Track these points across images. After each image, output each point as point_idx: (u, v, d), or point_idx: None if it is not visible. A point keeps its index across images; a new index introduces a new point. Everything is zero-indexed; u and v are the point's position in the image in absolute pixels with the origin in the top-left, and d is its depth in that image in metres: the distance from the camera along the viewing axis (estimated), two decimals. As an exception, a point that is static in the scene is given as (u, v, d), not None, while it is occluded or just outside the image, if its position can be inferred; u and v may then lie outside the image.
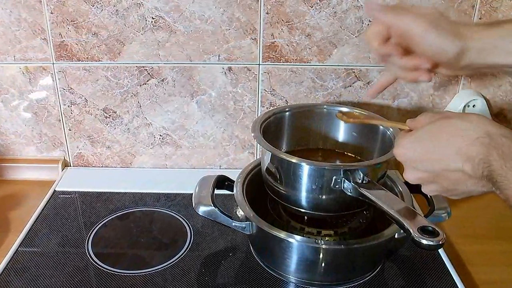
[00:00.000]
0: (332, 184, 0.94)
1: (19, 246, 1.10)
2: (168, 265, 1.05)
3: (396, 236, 0.97)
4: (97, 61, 1.28)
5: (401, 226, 0.80)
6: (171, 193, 1.30)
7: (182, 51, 1.27)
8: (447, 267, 1.05)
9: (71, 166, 1.44)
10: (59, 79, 1.31)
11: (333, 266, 1.00)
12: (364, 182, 0.92)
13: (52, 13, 1.23)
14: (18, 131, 1.38)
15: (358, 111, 1.12)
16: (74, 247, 1.11)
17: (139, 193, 1.30)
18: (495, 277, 1.05)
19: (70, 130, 1.38)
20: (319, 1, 1.21)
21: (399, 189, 1.10)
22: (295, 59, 1.28)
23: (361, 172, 0.92)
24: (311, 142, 1.21)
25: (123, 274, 1.03)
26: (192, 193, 1.04)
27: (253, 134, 1.05)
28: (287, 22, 1.24)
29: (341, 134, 1.18)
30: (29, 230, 1.15)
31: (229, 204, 1.20)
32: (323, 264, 0.99)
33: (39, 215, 1.21)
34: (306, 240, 0.97)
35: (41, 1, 1.21)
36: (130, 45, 1.26)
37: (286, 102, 1.34)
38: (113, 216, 1.22)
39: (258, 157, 1.41)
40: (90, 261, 1.06)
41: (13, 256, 1.07)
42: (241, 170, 1.15)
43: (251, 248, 1.10)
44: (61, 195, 1.29)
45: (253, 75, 1.30)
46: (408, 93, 1.32)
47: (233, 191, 1.08)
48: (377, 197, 0.88)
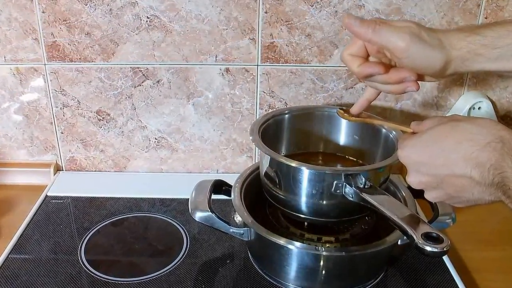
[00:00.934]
0: (333, 189, 0.94)
1: (10, 253, 1.10)
2: (163, 272, 1.05)
3: (399, 242, 0.97)
4: (90, 62, 1.28)
5: (404, 232, 0.80)
6: (166, 198, 1.30)
7: (178, 51, 1.27)
8: (451, 275, 1.05)
9: (63, 170, 1.44)
10: (51, 81, 1.31)
11: (334, 273, 1.00)
12: (366, 187, 0.92)
13: (43, 12, 1.23)
14: (8, 134, 1.38)
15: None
16: (66, 254, 1.10)
17: (133, 198, 1.30)
18: (502, 285, 1.05)
19: (62, 133, 1.38)
20: (319, 0, 1.21)
21: (402, 194, 1.10)
22: (295, 60, 1.28)
23: (363, 176, 0.92)
24: (311, 145, 1.21)
25: (117, 282, 1.02)
26: (188, 198, 1.04)
27: (251, 137, 1.05)
28: (286, 21, 1.24)
29: (342, 137, 1.18)
30: (20, 236, 1.15)
31: (226, 209, 1.20)
32: (324, 271, 0.99)
33: (30, 221, 1.21)
34: (306, 246, 0.97)
35: (33, 0, 1.21)
36: (124, 45, 1.27)
37: (285, 104, 1.34)
38: (107, 222, 1.21)
39: (256, 161, 1.41)
40: (83, 269, 1.06)
41: (3, 263, 1.06)
42: (239, 174, 1.15)
43: (249, 255, 1.10)
44: (53, 200, 1.29)
45: (252, 77, 1.30)
46: (411, 95, 1.32)
47: (230, 196, 1.08)
48: (380, 202, 0.88)
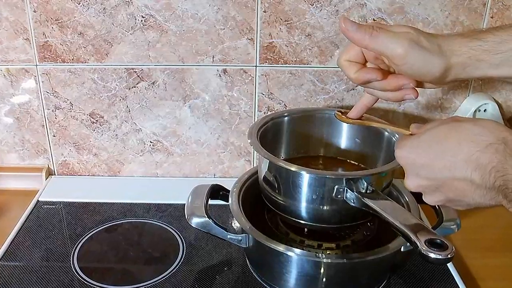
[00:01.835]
0: (334, 194, 0.94)
1: (0, 260, 1.09)
2: (158, 280, 1.05)
3: (402, 249, 0.97)
4: (83, 63, 1.28)
5: (408, 238, 0.80)
6: (162, 204, 1.30)
7: (174, 52, 1.27)
8: (456, 283, 1.04)
9: (55, 174, 1.44)
10: (42, 82, 1.31)
11: (335, 281, 1.00)
12: (368, 191, 0.92)
13: (35, 12, 1.23)
14: (-2, 137, 1.38)
15: None
16: (58, 261, 1.10)
17: (128, 203, 1.30)
18: (507, 293, 1.06)
19: (54, 136, 1.38)
20: (320, -1, 1.22)
21: (405, 199, 1.10)
22: (295, 61, 1.28)
23: (364, 181, 0.92)
24: (311, 149, 1.21)
25: (110, 290, 1.03)
26: (184, 204, 1.04)
27: (249, 140, 1.05)
28: (285, 21, 1.24)
29: (344, 140, 1.18)
30: (11, 243, 1.15)
31: (224, 215, 1.20)
32: (325, 279, 0.98)
33: (21, 227, 1.20)
34: (306, 253, 0.97)
35: (24, -1, 1.22)
36: (118, 45, 1.27)
37: (284, 106, 1.34)
38: (100, 228, 1.21)
39: (255, 165, 1.41)
40: (75, 276, 1.06)
41: (-7, 271, 1.07)
42: (237, 179, 1.15)
43: (248, 262, 1.10)
44: (45, 206, 1.29)
45: (250, 78, 1.30)
46: (414, 96, 1.32)
47: (228, 202, 1.08)
48: (382, 207, 0.88)
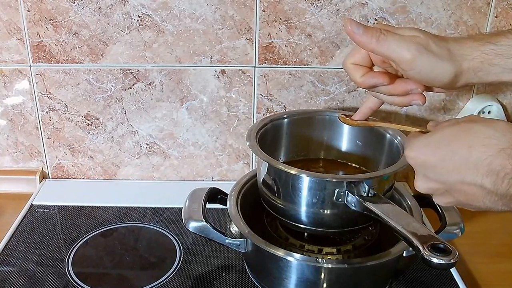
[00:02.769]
0: (334, 197, 0.94)
1: (-7, 265, 1.10)
2: (155, 286, 1.05)
3: (404, 254, 0.97)
4: (78, 63, 1.29)
5: (410, 243, 0.80)
6: (159, 208, 1.30)
7: (171, 52, 1.28)
8: (460, 288, 1.05)
9: (49, 178, 1.44)
10: (36, 83, 1.31)
11: (336, 287, 1.00)
12: (369, 195, 0.92)
13: (29, 11, 1.23)
14: (-9, 139, 1.38)
15: None
16: (53, 266, 1.11)
17: (124, 207, 1.31)
18: (512, 299, 1.06)
19: (48, 138, 1.38)
20: (320, -2, 1.22)
21: (408, 203, 1.10)
22: (294, 61, 1.28)
23: (366, 184, 0.92)
24: (311, 151, 1.21)
25: (106, 296, 1.03)
26: (181, 207, 1.05)
27: (248, 143, 1.05)
28: (285, 20, 1.24)
29: (344, 143, 1.18)
30: (4, 247, 1.15)
31: (222, 219, 1.21)
32: (325, 285, 0.98)
33: (15, 231, 1.21)
34: (306, 258, 0.97)
35: (17, -2, 1.22)
36: (114, 45, 1.27)
37: (284, 108, 1.34)
38: (96, 232, 1.22)
39: (253, 168, 1.41)
40: (70, 282, 1.06)
41: (-15, 276, 1.07)
42: (235, 182, 1.15)
43: (246, 267, 1.10)
44: (39, 210, 1.29)
45: (248, 79, 1.30)
46: (417, 98, 1.33)
47: (226, 205, 1.08)
48: (384, 211, 0.88)
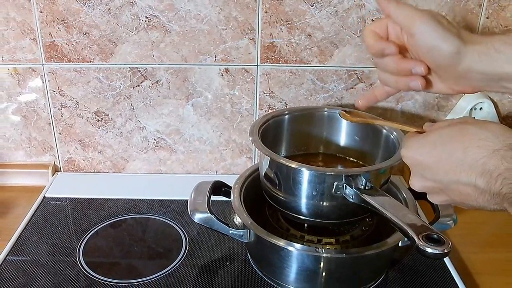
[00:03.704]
0: (333, 190, 0.94)
1: (8, 254, 1.10)
2: (162, 274, 1.05)
3: (400, 244, 0.97)
4: (88, 62, 1.28)
5: (405, 234, 0.79)
6: (165, 200, 1.30)
7: (177, 51, 1.27)
8: (453, 277, 1.05)
9: (61, 171, 1.44)
10: (49, 81, 1.31)
11: (335, 275, 1.00)
12: (366, 188, 0.92)
13: (41, 12, 1.23)
14: (6, 135, 1.38)
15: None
16: (64, 256, 1.10)
17: (132, 199, 1.30)
18: (502, 287, 1.05)
19: (60, 134, 1.38)
20: (319, 0, 1.21)
21: (403, 195, 1.10)
22: (295, 60, 1.28)
23: (363, 177, 0.92)
24: (311, 146, 1.21)
25: (115, 284, 1.02)
26: (187, 200, 1.04)
27: (251, 138, 1.05)
28: (286, 21, 1.24)
29: (343, 138, 1.18)
30: (18, 238, 1.15)
31: (226, 211, 1.20)
32: (324, 273, 0.98)
33: (28, 222, 1.21)
34: (306, 248, 0.97)
35: (30, 0, 1.21)
36: (122, 45, 1.27)
37: (285, 105, 1.34)
38: (105, 223, 1.21)
39: (256, 162, 1.41)
40: (81, 271, 1.06)
41: (1, 265, 1.06)
42: (239, 175, 1.14)
43: (249, 256, 1.10)
44: (51, 202, 1.29)
45: (251, 77, 1.30)
46: (412, 95, 1.32)
47: (230, 198, 1.08)
48: (380, 203, 0.88)
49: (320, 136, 1.20)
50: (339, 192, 0.93)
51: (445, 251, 0.74)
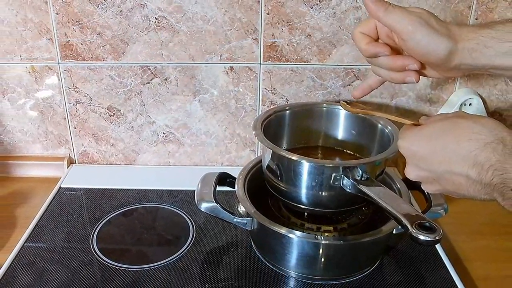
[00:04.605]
0: (331, 181, 0.94)
1: (26, 241, 1.10)
2: (171, 260, 1.05)
3: (394, 232, 0.97)
4: (101, 61, 1.28)
5: (399, 222, 0.79)
6: (174, 190, 1.30)
7: (184, 51, 1.27)
8: (444, 263, 1.04)
9: (76, 163, 1.44)
10: (64, 78, 1.31)
11: (333, 261, 1.00)
12: (363, 179, 0.92)
13: (57, 14, 1.23)
14: (24, 129, 1.38)
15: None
16: (79, 242, 1.11)
17: (142, 190, 1.30)
18: (491, 273, 1.05)
19: (75, 128, 1.38)
20: (318, 2, 1.21)
21: (397, 186, 1.10)
22: (295, 59, 1.28)
23: (360, 169, 0.92)
24: (311, 140, 1.20)
25: (127, 269, 1.03)
26: (194, 190, 1.04)
27: (254, 132, 1.05)
28: (287, 22, 1.23)
29: (341, 132, 1.18)
30: (35, 226, 1.15)
31: (230, 200, 1.20)
32: (323, 259, 0.98)
33: (45, 211, 1.21)
34: (306, 235, 0.97)
35: (47, 2, 1.21)
36: (134, 45, 1.26)
37: (286, 100, 1.33)
38: (117, 212, 1.22)
39: (259, 154, 1.41)
40: (94, 256, 1.06)
41: (19, 251, 1.07)
42: (243, 167, 1.14)
43: (252, 243, 1.10)
44: (66, 192, 1.29)
45: (254, 75, 1.30)
46: (406, 92, 1.32)
47: (234, 188, 1.08)
48: (376, 193, 0.88)
49: (319, 130, 1.19)
50: (337, 182, 0.93)
51: (437, 238, 0.74)
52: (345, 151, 1.18)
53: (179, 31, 1.25)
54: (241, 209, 1.05)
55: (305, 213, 1.07)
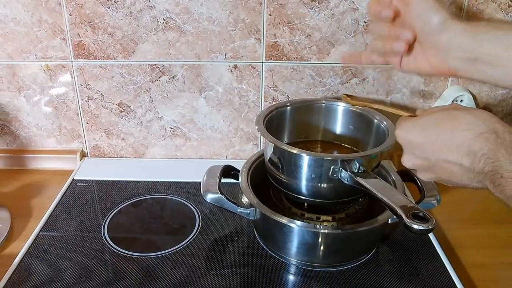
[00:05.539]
0: (330, 173, 0.93)
1: (40, 230, 1.10)
2: (178, 248, 1.05)
3: (389, 221, 0.97)
4: (112, 60, 1.28)
5: (394, 212, 0.79)
6: (181, 182, 1.30)
7: (191, 50, 1.26)
8: (436, 251, 1.04)
9: (88, 156, 1.43)
10: (77, 76, 1.30)
11: (331, 249, 0.99)
12: (359, 171, 0.91)
13: (70, 15, 1.22)
14: (39, 124, 1.38)
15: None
16: (91, 231, 1.11)
17: (151, 181, 1.30)
18: (482, 260, 1.05)
19: (87, 123, 1.37)
20: (318, 4, 1.20)
21: (392, 178, 1.10)
22: (296, 58, 1.27)
23: (357, 162, 0.92)
24: (310, 134, 1.20)
25: (136, 256, 1.02)
26: (200, 182, 1.05)
27: (257, 127, 1.04)
28: (288, 23, 1.23)
29: (339, 127, 1.18)
30: (50, 216, 1.15)
31: (234, 191, 1.20)
32: (322, 247, 0.98)
33: (59, 202, 1.21)
34: (306, 225, 0.97)
35: (61, 4, 1.21)
36: (143, 44, 1.26)
37: (287, 97, 1.33)
38: (128, 203, 1.21)
39: (261, 148, 1.40)
40: (106, 245, 1.06)
41: (34, 240, 1.07)
42: (246, 160, 1.14)
43: (255, 232, 1.10)
44: (79, 184, 1.29)
45: (257, 73, 1.29)
46: (400, 89, 1.31)
47: (238, 180, 1.08)
48: (372, 185, 0.88)
49: (318, 125, 1.19)
50: (335, 175, 0.93)
51: (430, 227, 0.74)
52: (343, 145, 1.18)
53: (185, 31, 1.24)
54: (245, 200, 1.04)
55: (305, 204, 1.07)
